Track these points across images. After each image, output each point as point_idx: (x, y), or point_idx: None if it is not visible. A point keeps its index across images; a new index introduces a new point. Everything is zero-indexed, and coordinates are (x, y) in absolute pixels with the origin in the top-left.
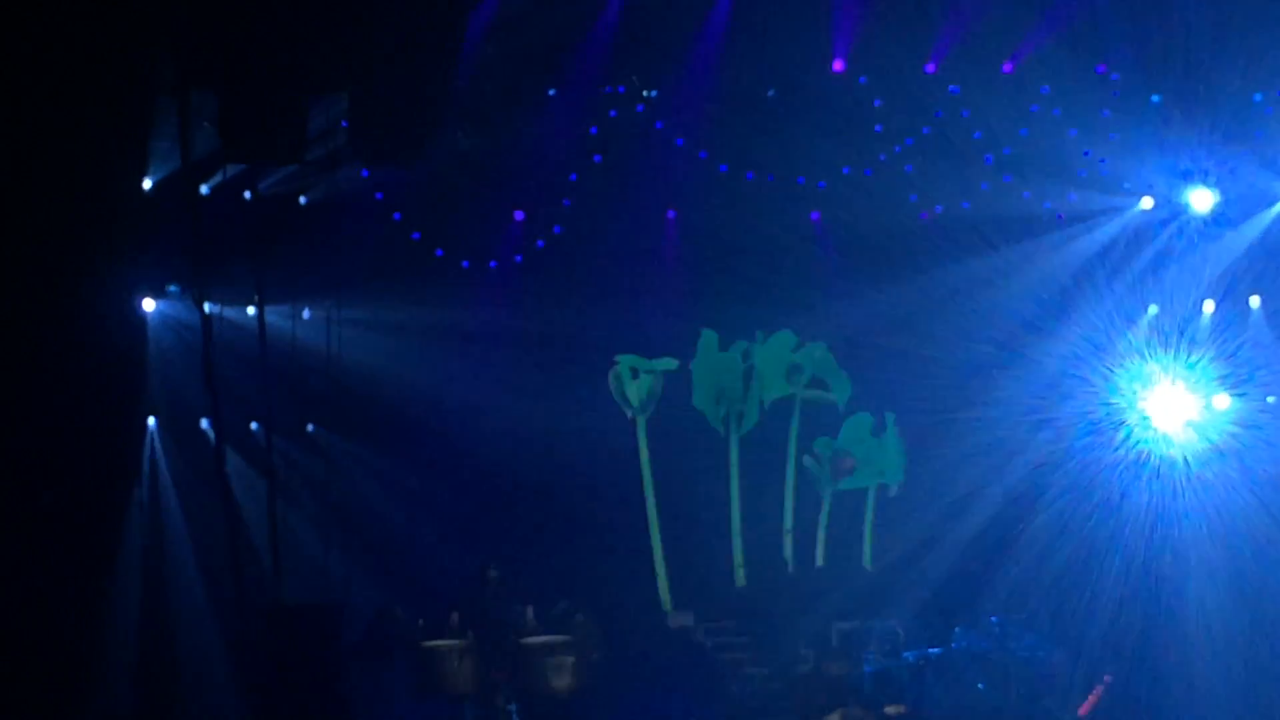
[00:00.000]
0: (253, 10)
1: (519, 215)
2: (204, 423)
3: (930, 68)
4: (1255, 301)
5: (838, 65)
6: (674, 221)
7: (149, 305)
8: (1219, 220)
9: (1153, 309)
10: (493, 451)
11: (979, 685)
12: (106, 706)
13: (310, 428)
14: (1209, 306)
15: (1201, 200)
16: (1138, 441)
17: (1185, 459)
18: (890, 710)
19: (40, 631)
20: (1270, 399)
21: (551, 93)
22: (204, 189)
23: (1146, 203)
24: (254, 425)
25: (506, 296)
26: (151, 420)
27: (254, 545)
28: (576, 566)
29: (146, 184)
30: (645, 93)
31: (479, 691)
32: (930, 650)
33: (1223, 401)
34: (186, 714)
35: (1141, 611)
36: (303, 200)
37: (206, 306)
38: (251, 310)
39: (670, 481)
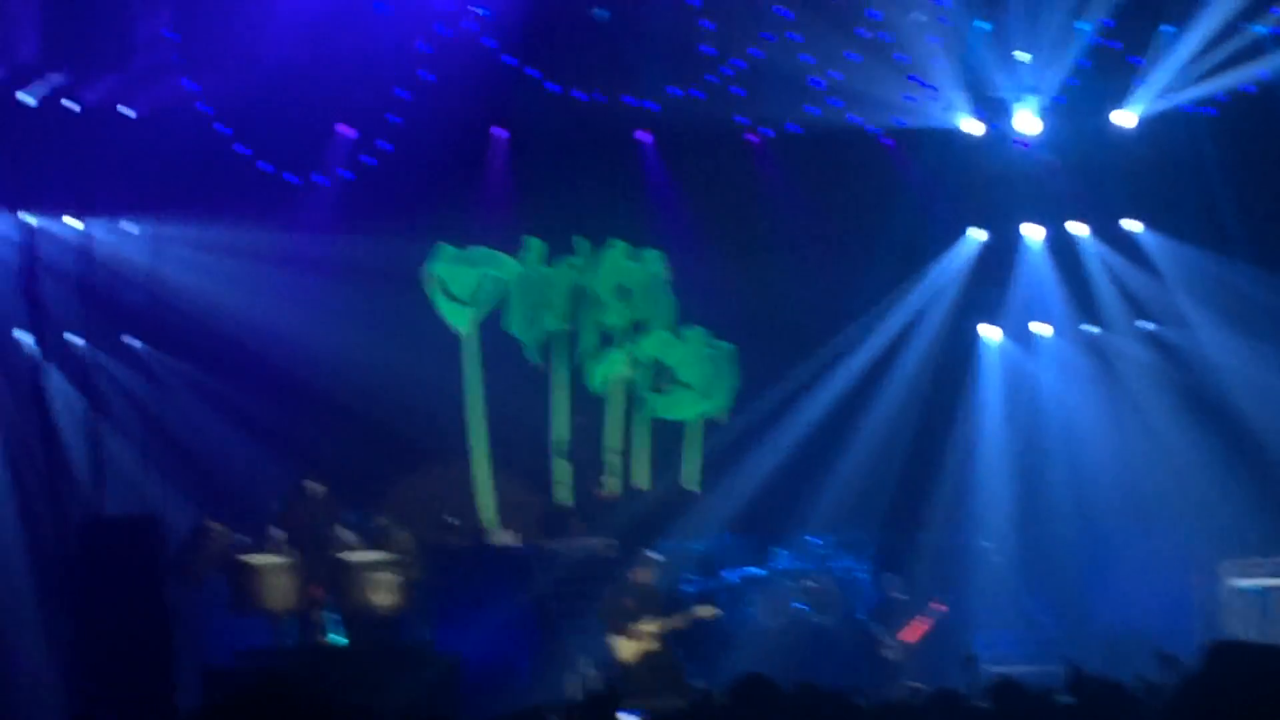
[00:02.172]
0: None
1: (346, 131)
2: (21, 335)
3: None
4: (1078, 229)
5: None
6: (503, 140)
7: None
8: (1044, 145)
9: (976, 233)
10: (315, 370)
11: (798, 605)
12: None
13: (130, 341)
14: (1033, 231)
15: (1027, 124)
16: (962, 366)
17: (1002, 384)
18: (702, 612)
19: None
20: (1092, 327)
21: (379, 8)
22: (27, 98)
23: (972, 127)
24: (73, 339)
25: (332, 213)
26: None
27: (71, 460)
28: (398, 483)
29: None
30: (475, 10)
31: (297, 607)
32: (750, 570)
33: (1040, 329)
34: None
35: (964, 539)
36: (125, 111)
37: (26, 218)
38: (72, 222)
39: (494, 399)
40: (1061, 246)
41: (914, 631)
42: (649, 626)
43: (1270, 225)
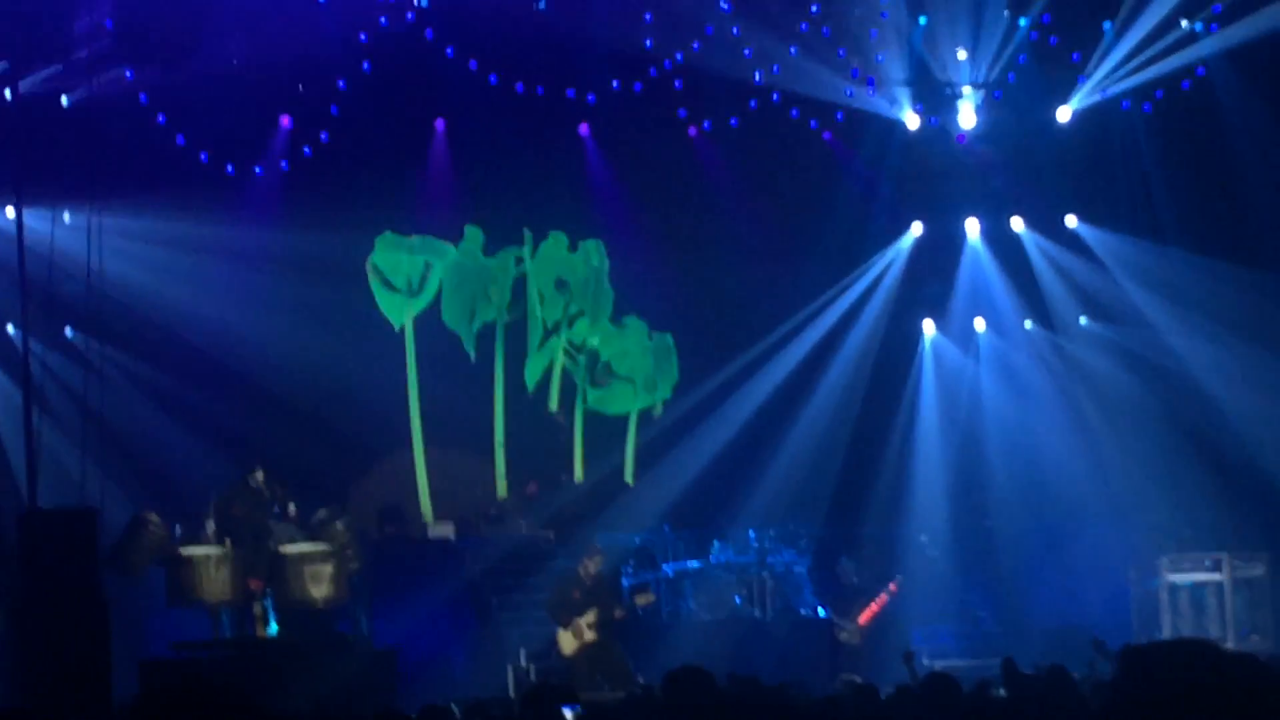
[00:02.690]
0: None
1: (286, 121)
2: None
3: None
4: (1018, 224)
5: None
6: (443, 132)
7: None
8: (982, 139)
9: (916, 227)
10: (254, 362)
11: (736, 598)
12: None
13: (69, 333)
14: (972, 225)
15: (966, 119)
16: (902, 360)
17: (942, 379)
18: (640, 600)
19: None
20: (1028, 323)
21: None
22: None
23: (912, 121)
24: (9, 329)
25: (271, 204)
26: None
27: (6, 452)
28: (337, 476)
29: None
30: (415, 1)
31: (235, 599)
32: (689, 563)
33: (980, 324)
34: None
35: (903, 534)
36: (65, 101)
37: None
38: (9, 212)
39: (436, 392)
40: (1001, 240)
41: (868, 614)
42: (593, 618)
43: (1207, 217)
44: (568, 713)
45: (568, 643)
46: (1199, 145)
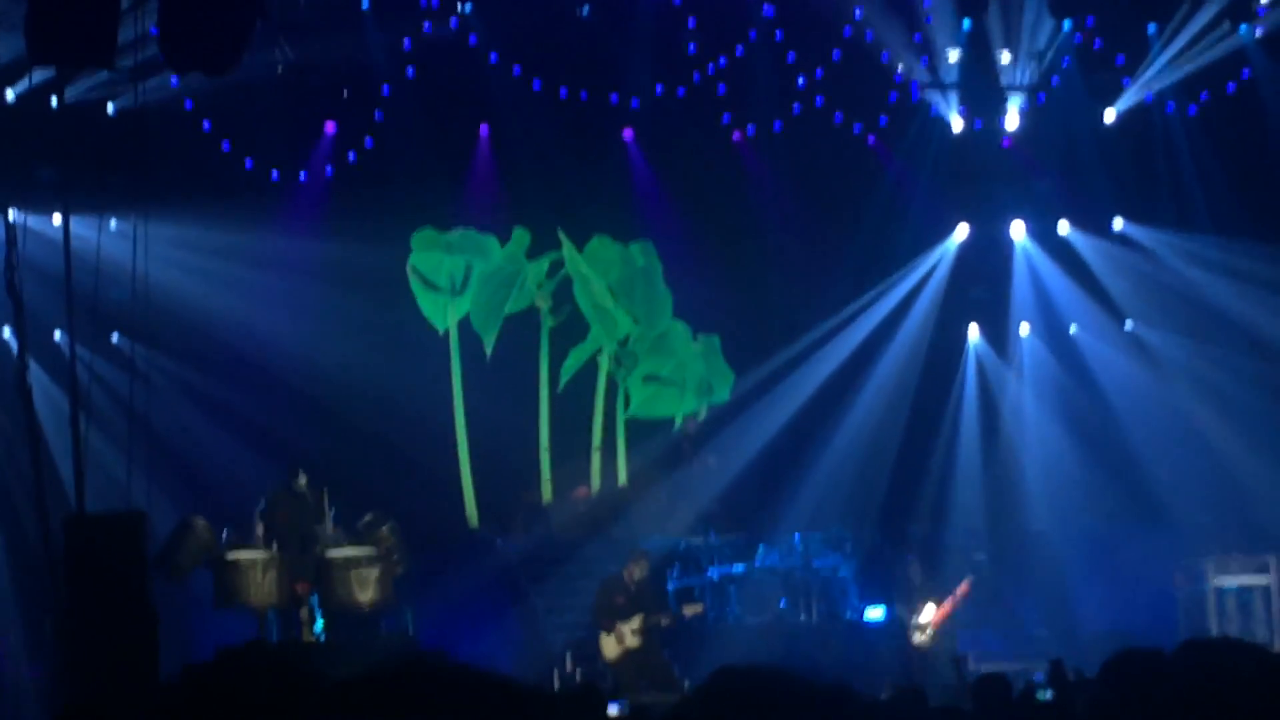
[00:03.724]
0: None
1: (330, 127)
2: (5, 331)
3: None
4: (1064, 226)
5: None
6: (487, 137)
7: None
8: (1027, 141)
9: (961, 229)
10: (300, 366)
11: (781, 602)
12: None
13: (115, 339)
14: (1017, 227)
15: (1010, 121)
16: (947, 364)
17: (986, 383)
18: (688, 610)
19: None
20: (1074, 328)
21: (365, 5)
22: (9, 95)
23: (957, 124)
24: (57, 335)
25: (315, 210)
26: None
27: (54, 457)
28: (383, 480)
29: None
30: (459, 7)
31: (282, 603)
32: (734, 567)
33: (1024, 329)
34: None
35: (948, 538)
36: (111, 108)
37: (8, 214)
38: (56, 219)
39: (481, 396)
40: (1047, 242)
41: (941, 615)
42: (637, 624)
43: (1252, 218)
44: (612, 709)
45: (610, 647)
46: (1245, 146)
